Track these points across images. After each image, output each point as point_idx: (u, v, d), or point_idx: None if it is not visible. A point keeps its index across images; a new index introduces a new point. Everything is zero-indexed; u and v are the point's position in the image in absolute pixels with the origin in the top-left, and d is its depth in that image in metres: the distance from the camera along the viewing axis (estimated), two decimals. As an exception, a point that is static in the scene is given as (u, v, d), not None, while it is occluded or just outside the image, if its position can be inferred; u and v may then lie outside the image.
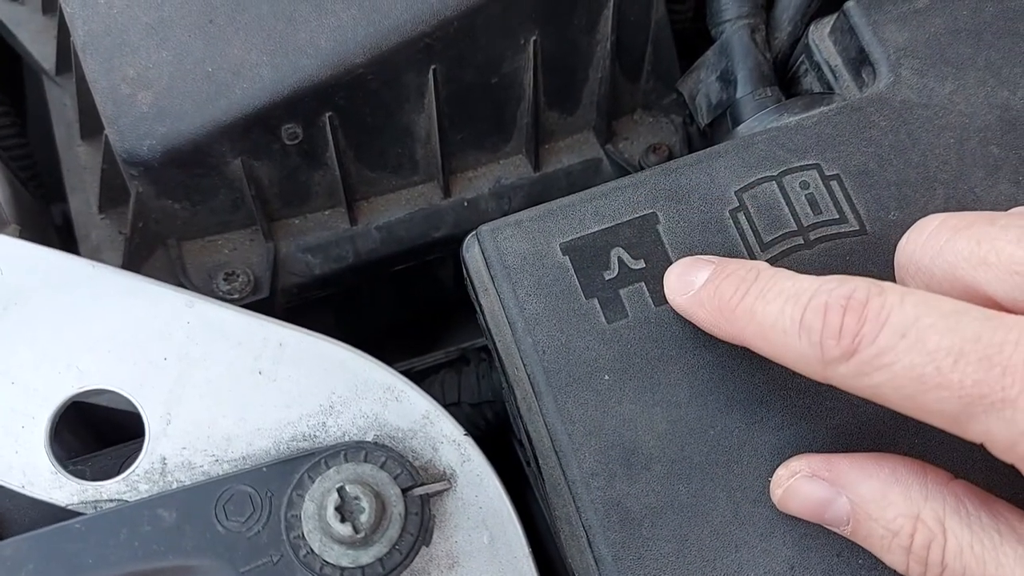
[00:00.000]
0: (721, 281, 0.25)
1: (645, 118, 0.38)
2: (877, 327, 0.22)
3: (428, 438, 0.25)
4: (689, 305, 0.26)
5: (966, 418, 0.21)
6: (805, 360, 0.23)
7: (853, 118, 0.29)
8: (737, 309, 0.24)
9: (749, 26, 0.32)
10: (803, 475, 0.25)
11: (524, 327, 0.27)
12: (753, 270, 0.25)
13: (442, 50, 0.31)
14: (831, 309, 0.22)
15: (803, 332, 0.23)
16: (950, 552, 0.22)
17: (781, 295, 0.23)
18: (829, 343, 0.22)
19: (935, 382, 0.21)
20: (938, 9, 0.30)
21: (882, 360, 0.21)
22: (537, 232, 0.28)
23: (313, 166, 0.33)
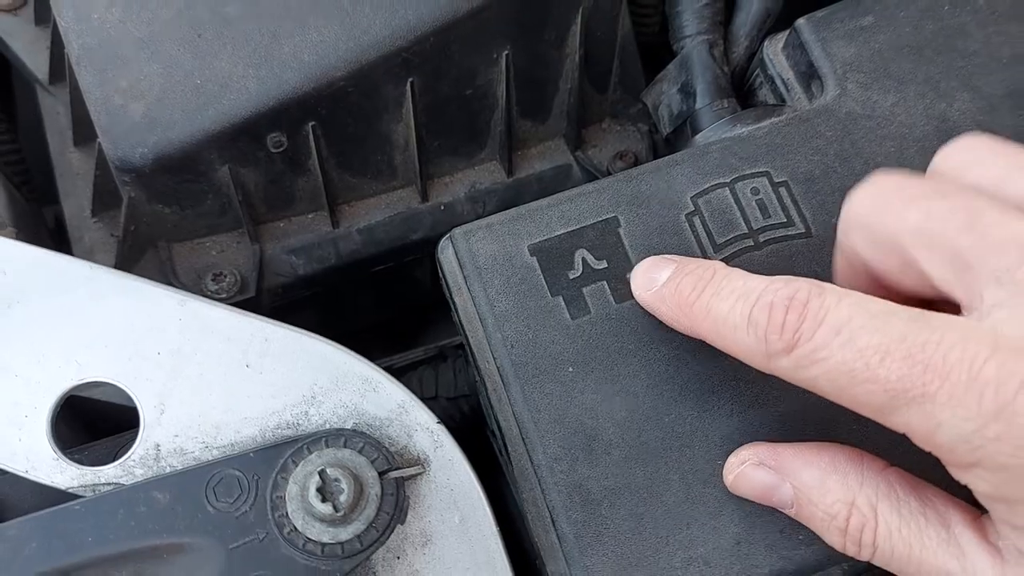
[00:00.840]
0: (681, 279, 0.27)
1: (613, 126, 0.41)
2: (815, 325, 0.24)
3: (403, 426, 0.27)
4: (652, 301, 0.28)
5: (890, 410, 0.23)
6: (751, 353, 0.25)
7: (801, 129, 0.31)
8: (695, 305, 0.26)
9: (708, 42, 0.34)
10: (751, 463, 0.27)
11: (494, 323, 0.29)
12: (710, 269, 0.27)
13: (419, 64, 0.33)
14: (775, 307, 0.24)
15: (750, 327, 0.25)
16: (880, 535, 0.25)
17: (733, 293, 0.25)
18: (772, 338, 0.24)
19: (864, 376, 0.23)
20: (882, 27, 0.32)
21: (818, 355, 0.24)
22: (507, 235, 0.30)
23: (297, 172, 0.35)
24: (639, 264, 0.29)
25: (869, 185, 0.26)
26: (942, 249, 0.24)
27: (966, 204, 0.24)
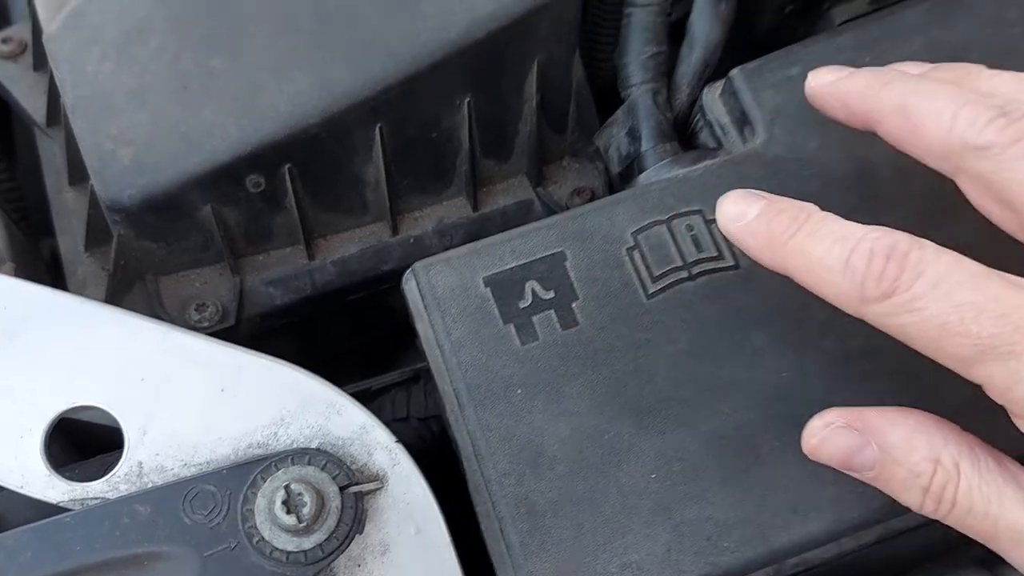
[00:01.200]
0: (775, 215, 0.28)
1: (572, 164, 0.43)
2: (914, 276, 0.26)
3: (364, 445, 0.29)
4: (739, 232, 0.29)
5: (974, 362, 0.26)
6: (845, 295, 0.27)
7: (732, 170, 0.34)
8: (789, 243, 0.28)
9: (652, 90, 0.37)
10: (836, 426, 0.28)
11: (451, 349, 0.32)
12: (804, 211, 0.28)
13: (386, 111, 0.36)
14: (876, 255, 0.26)
15: (847, 271, 0.26)
16: (962, 491, 0.27)
17: (830, 235, 0.27)
18: (870, 284, 0.26)
19: (957, 330, 0.25)
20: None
21: (914, 304, 0.26)
22: (463, 268, 0.33)
23: (274, 210, 0.38)
24: (726, 195, 0.30)
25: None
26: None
27: None
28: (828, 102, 0.31)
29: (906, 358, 0.31)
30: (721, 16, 0.37)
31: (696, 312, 0.32)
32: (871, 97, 0.29)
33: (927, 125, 0.27)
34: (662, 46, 0.38)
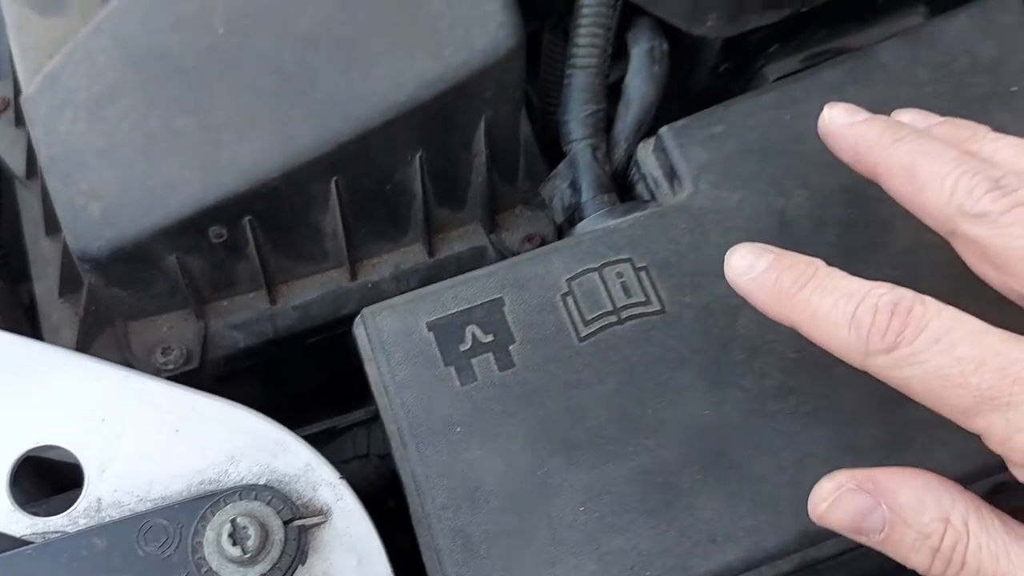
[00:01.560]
0: (783, 270, 0.30)
1: (524, 212, 0.46)
2: (917, 331, 0.27)
3: (309, 481, 0.31)
4: (748, 285, 0.31)
5: (974, 413, 0.27)
6: (850, 349, 0.28)
7: (660, 222, 0.36)
8: (796, 297, 0.29)
9: (591, 145, 0.40)
10: (848, 488, 0.29)
11: (394, 390, 0.34)
12: (812, 266, 0.30)
13: (341, 166, 0.38)
14: (880, 310, 0.28)
15: (853, 326, 0.28)
16: (971, 550, 0.27)
17: (836, 291, 0.29)
18: (875, 338, 0.28)
19: (957, 382, 0.27)
20: (732, 134, 0.37)
21: (917, 358, 0.27)
22: (408, 313, 0.35)
23: (237, 259, 0.40)
24: (734, 249, 0.31)
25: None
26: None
27: None
28: (839, 143, 0.32)
29: (820, 397, 0.34)
30: (655, 77, 0.40)
31: (624, 354, 0.34)
32: (881, 151, 0.31)
33: (929, 189, 0.30)
34: (600, 105, 0.40)
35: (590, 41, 0.40)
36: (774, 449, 0.33)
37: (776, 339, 0.34)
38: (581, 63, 0.40)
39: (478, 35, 0.38)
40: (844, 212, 0.36)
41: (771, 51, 0.43)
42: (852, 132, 0.32)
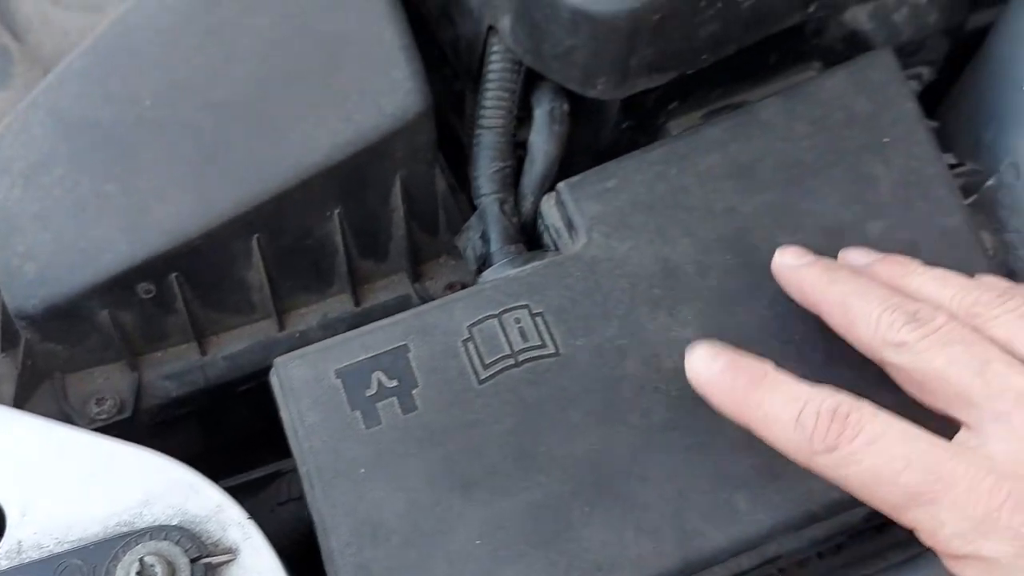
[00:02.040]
0: (737, 373, 0.33)
1: (448, 262, 0.48)
2: (854, 434, 0.31)
3: (219, 522, 0.33)
4: (705, 386, 0.34)
5: (905, 508, 0.31)
6: (795, 448, 0.32)
7: (556, 270, 0.39)
8: (747, 399, 0.33)
9: (499, 199, 0.43)
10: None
11: (303, 434, 0.36)
12: (761, 369, 0.33)
13: (261, 224, 0.41)
14: (822, 415, 0.31)
15: (798, 428, 0.31)
16: None
17: (784, 395, 0.32)
18: (817, 440, 0.31)
19: (889, 479, 0.30)
20: (622, 188, 0.40)
21: (854, 458, 0.31)
22: (318, 362, 0.37)
23: (167, 313, 0.43)
24: (695, 348, 0.34)
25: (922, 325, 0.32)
26: (956, 389, 0.31)
27: (981, 354, 0.31)
28: (787, 284, 0.37)
29: (701, 431, 0.36)
30: (556, 136, 0.43)
31: (520, 395, 0.36)
32: (819, 291, 0.35)
33: (859, 324, 0.34)
34: (507, 162, 0.43)
35: (496, 103, 0.43)
36: (657, 480, 0.35)
37: (661, 378, 0.37)
38: (488, 124, 0.43)
39: (387, 101, 0.40)
40: (724, 258, 0.39)
41: (671, 108, 0.46)
42: (796, 275, 0.36)
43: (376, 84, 0.40)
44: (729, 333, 0.37)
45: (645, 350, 0.37)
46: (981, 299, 0.33)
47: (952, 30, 0.49)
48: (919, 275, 0.35)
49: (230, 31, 0.41)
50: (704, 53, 0.40)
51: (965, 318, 0.33)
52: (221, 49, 0.41)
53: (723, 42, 0.40)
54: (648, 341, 0.37)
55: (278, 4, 0.41)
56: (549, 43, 0.39)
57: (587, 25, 0.37)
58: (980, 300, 0.33)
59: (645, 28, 0.37)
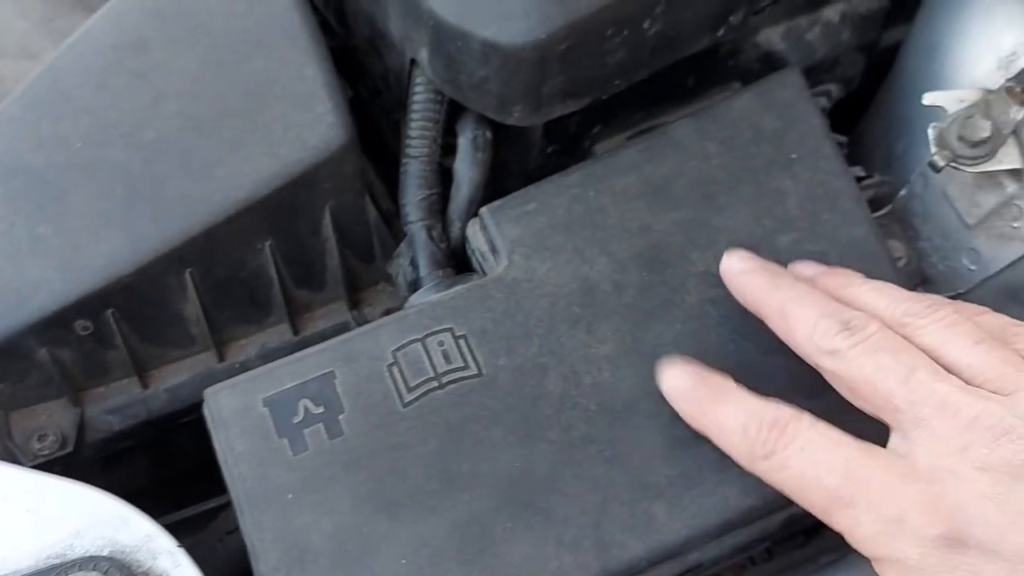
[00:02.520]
0: (699, 387, 0.36)
1: (386, 287, 0.50)
2: (788, 442, 0.33)
3: (149, 551, 0.34)
4: (675, 398, 0.37)
5: (830, 511, 0.32)
6: (741, 453, 0.34)
7: (478, 293, 0.40)
8: (706, 410, 0.35)
9: (426, 226, 0.44)
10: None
11: (233, 463, 0.37)
12: (722, 384, 0.36)
13: (192, 259, 0.42)
14: (763, 424, 0.34)
15: (744, 436, 0.34)
16: None
17: (735, 407, 0.35)
18: (757, 446, 0.34)
19: (814, 484, 0.33)
20: (542, 210, 0.41)
21: (786, 463, 0.33)
22: (246, 391, 0.38)
23: (106, 348, 0.44)
24: (668, 366, 0.37)
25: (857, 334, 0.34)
26: (883, 394, 0.33)
27: (907, 361, 0.33)
28: (733, 286, 0.38)
29: (619, 443, 0.37)
30: (479, 162, 0.44)
31: (444, 416, 0.38)
32: (762, 296, 0.37)
33: (796, 329, 0.35)
34: (433, 189, 0.44)
35: (420, 133, 0.44)
36: (578, 494, 0.36)
37: (580, 394, 0.38)
38: (414, 153, 0.44)
39: (310, 135, 0.42)
40: (640, 275, 0.40)
41: (594, 132, 0.47)
42: (740, 280, 0.38)
43: (299, 119, 0.42)
44: (645, 348, 0.39)
45: (565, 367, 0.38)
46: (912, 309, 0.35)
47: (866, 47, 0.51)
48: (858, 286, 0.37)
49: (158, 73, 0.42)
50: (615, 79, 0.42)
51: (896, 327, 0.34)
52: (149, 91, 0.42)
53: (633, 68, 0.42)
54: (568, 358, 0.39)
55: (204, 46, 0.43)
56: (464, 74, 0.40)
57: (497, 56, 0.39)
58: (911, 310, 0.35)
59: (553, 57, 0.39)
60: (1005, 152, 0.39)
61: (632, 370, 0.38)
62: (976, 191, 0.41)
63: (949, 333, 0.34)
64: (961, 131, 0.38)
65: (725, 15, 0.42)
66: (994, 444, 0.30)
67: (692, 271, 0.40)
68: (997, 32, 0.41)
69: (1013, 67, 0.40)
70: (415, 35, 0.42)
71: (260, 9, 0.43)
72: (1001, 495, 0.30)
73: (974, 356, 0.33)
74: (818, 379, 0.38)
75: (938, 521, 0.30)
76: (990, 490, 0.30)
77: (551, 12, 0.38)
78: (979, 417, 0.31)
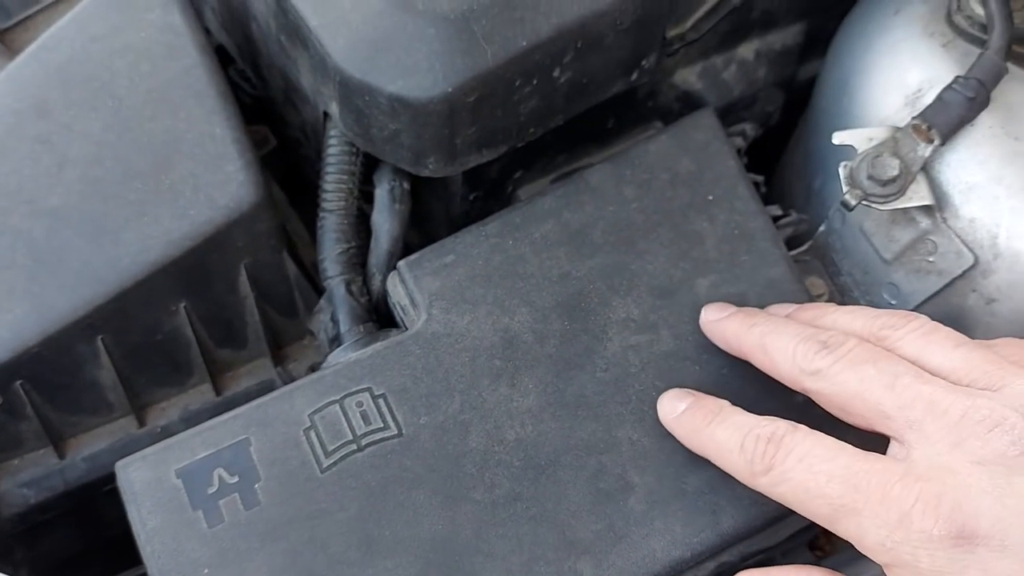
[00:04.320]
0: (696, 410, 0.36)
1: (313, 342, 0.49)
2: (786, 454, 0.33)
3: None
4: (674, 424, 0.37)
5: (835, 519, 0.32)
6: (740, 471, 0.34)
7: (397, 350, 0.39)
8: (703, 431, 0.36)
9: (345, 281, 0.43)
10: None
11: (146, 538, 0.36)
12: (717, 405, 0.36)
13: (103, 325, 0.41)
14: (760, 439, 0.33)
15: (742, 453, 0.34)
16: None
17: (732, 425, 0.35)
18: (756, 461, 0.33)
19: (816, 493, 0.32)
20: (460, 262, 0.41)
21: (786, 475, 0.33)
22: (158, 463, 0.37)
23: (18, 420, 0.42)
24: (666, 393, 0.38)
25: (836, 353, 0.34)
26: (871, 405, 0.33)
27: (890, 369, 0.33)
28: (714, 336, 0.39)
29: (544, 500, 0.37)
30: (397, 214, 0.43)
31: (364, 480, 0.37)
32: (741, 337, 0.38)
33: (778, 359, 0.36)
34: (352, 243, 0.44)
35: (336, 186, 0.43)
36: (503, 554, 0.36)
37: (504, 450, 0.37)
38: (329, 207, 0.43)
39: (220, 194, 0.41)
40: (562, 324, 0.39)
41: (517, 177, 0.47)
42: (720, 326, 0.39)
43: (209, 178, 0.41)
44: (568, 399, 0.38)
45: (487, 423, 0.38)
46: (888, 322, 0.35)
47: (783, 83, 0.52)
48: (831, 313, 0.37)
49: (60, 137, 0.41)
50: (530, 127, 0.41)
51: (875, 341, 0.35)
52: (52, 156, 0.41)
53: (547, 115, 0.41)
54: (490, 414, 0.38)
55: (109, 108, 0.42)
56: (375, 128, 0.40)
57: (406, 110, 0.38)
58: (887, 323, 0.35)
59: (463, 109, 0.38)
60: (915, 190, 0.39)
61: (556, 423, 0.38)
62: (891, 227, 0.41)
63: (928, 340, 0.34)
64: (871, 170, 0.39)
65: (637, 59, 0.42)
66: (987, 437, 0.31)
67: (613, 318, 0.40)
68: (903, 69, 0.41)
69: (919, 104, 0.40)
70: (324, 89, 0.41)
71: (166, 69, 0.42)
72: (1000, 488, 0.30)
73: (957, 359, 0.33)
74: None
75: (942, 521, 0.30)
76: (989, 484, 0.30)
77: (457, 65, 0.37)
78: (968, 412, 0.31)
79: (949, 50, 0.41)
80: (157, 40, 0.43)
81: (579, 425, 0.38)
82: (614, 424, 0.38)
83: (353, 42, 0.38)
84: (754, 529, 0.37)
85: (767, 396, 0.38)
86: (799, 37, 0.50)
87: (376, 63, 0.38)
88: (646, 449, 0.38)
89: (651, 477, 0.37)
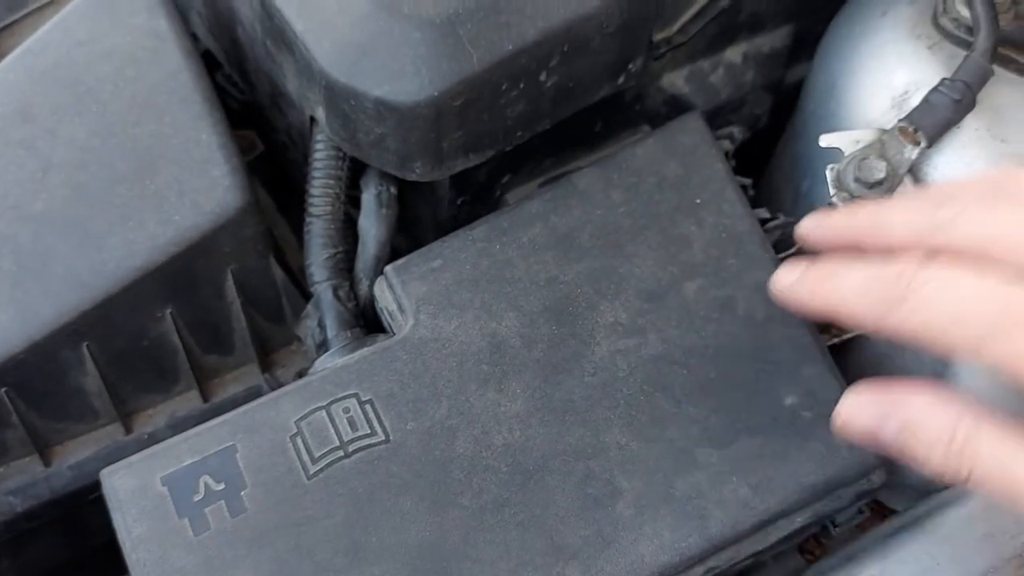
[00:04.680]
0: (814, 270, 0.34)
1: (300, 347, 0.48)
2: (923, 281, 0.30)
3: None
4: (789, 293, 0.35)
5: (985, 345, 0.29)
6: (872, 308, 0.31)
7: (384, 355, 0.39)
8: (826, 284, 0.33)
9: (332, 286, 0.43)
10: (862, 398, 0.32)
11: (131, 547, 0.35)
12: (830, 264, 0.34)
13: (88, 332, 0.41)
14: (888, 275, 0.31)
15: (871, 292, 0.31)
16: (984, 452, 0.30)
17: (856, 271, 0.32)
18: (891, 293, 0.31)
19: (968, 316, 0.29)
20: (447, 266, 0.41)
21: (929, 301, 0.30)
22: (144, 470, 0.37)
23: (3, 427, 0.42)
24: (783, 268, 0.35)
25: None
26: None
27: None
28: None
29: (532, 505, 0.37)
30: (384, 218, 0.43)
31: (351, 486, 0.36)
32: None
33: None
34: (339, 248, 0.43)
35: (323, 191, 0.43)
36: (491, 560, 0.35)
37: (492, 455, 0.37)
38: (316, 212, 0.43)
39: (205, 200, 0.41)
40: (550, 329, 0.39)
41: (504, 181, 0.47)
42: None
43: (194, 184, 0.41)
44: (556, 403, 0.38)
45: (475, 428, 0.38)
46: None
47: (771, 86, 0.52)
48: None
49: (45, 142, 0.41)
50: (517, 131, 0.41)
51: None
52: (37, 160, 0.41)
53: (534, 119, 0.41)
54: (478, 419, 0.38)
55: (94, 113, 0.41)
56: (361, 132, 0.40)
57: (392, 115, 0.38)
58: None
59: (449, 113, 0.38)
60: (902, 192, 0.39)
61: (544, 428, 0.38)
62: (878, 229, 0.41)
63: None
64: (858, 173, 0.39)
65: (624, 63, 0.42)
66: None
67: (601, 322, 0.39)
68: (889, 71, 0.41)
69: (906, 106, 0.40)
70: (310, 94, 0.41)
71: (151, 73, 0.42)
72: None
73: None
74: (734, 426, 0.38)
75: None
76: None
77: (443, 69, 0.37)
78: None
79: (935, 52, 0.41)
80: (142, 45, 0.43)
81: (567, 430, 0.38)
82: (602, 429, 0.38)
83: (339, 46, 0.38)
84: (743, 533, 0.37)
85: (755, 401, 0.38)
86: (787, 40, 0.50)
87: (362, 67, 0.38)
88: (634, 454, 0.37)
89: (639, 482, 0.37)
